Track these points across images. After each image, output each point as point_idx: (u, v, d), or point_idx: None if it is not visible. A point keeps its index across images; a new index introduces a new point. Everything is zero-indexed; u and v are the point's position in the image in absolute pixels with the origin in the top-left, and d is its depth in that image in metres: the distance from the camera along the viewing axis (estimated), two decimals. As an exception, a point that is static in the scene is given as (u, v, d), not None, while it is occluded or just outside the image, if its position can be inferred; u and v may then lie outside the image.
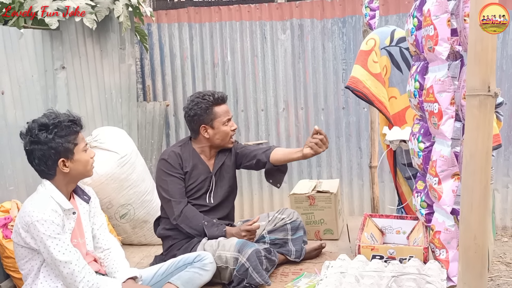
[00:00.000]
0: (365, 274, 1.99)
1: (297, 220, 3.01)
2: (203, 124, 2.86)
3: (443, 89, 1.97)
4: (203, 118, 2.85)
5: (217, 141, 2.90)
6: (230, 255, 2.59)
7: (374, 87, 2.88)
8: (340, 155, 4.56)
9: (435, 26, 1.96)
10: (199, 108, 2.84)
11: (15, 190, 2.93)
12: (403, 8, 4.28)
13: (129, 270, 2.38)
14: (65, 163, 2.17)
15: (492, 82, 1.41)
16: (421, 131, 2.25)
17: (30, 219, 2.04)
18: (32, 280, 2.14)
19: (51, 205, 2.11)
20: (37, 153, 2.13)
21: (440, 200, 2.00)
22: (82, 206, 2.32)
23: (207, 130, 2.87)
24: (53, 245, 2.05)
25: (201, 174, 2.90)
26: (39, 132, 2.12)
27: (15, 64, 2.98)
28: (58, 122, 2.15)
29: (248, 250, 2.56)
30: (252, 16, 4.51)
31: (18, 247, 2.13)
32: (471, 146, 1.45)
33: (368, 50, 2.92)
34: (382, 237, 2.70)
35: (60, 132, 2.14)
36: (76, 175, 2.23)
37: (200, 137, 2.91)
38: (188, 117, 2.90)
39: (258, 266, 2.55)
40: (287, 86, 4.55)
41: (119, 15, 3.57)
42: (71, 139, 2.17)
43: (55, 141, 2.12)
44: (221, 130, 2.87)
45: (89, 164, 2.27)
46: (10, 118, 2.92)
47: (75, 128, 2.20)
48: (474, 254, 1.47)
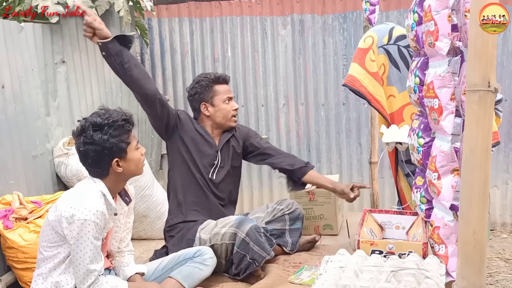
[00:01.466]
0: (364, 269, 1.99)
1: (295, 210, 3.00)
2: (203, 101, 2.89)
3: (443, 84, 1.97)
4: (203, 96, 2.88)
5: (218, 119, 2.91)
6: (227, 230, 2.58)
7: (371, 86, 2.88)
8: (340, 151, 4.57)
9: (435, 21, 1.96)
10: (200, 86, 2.89)
11: (15, 183, 2.93)
12: (404, 3, 4.28)
13: (137, 266, 2.41)
14: (119, 163, 2.14)
15: (492, 78, 1.41)
16: (421, 127, 2.25)
17: (79, 215, 2.00)
18: (53, 266, 2.10)
19: (101, 205, 2.07)
20: (91, 153, 2.09)
21: (440, 195, 2.01)
22: (121, 207, 2.31)
23: (207, 108, 2.89)
24: (87, 248, 2.02)
25: (207, 146, 2.89)
26: (93, 132, 2.08)
27: (15, 58, 2.97)
28: (112, 122, 2.11)
29: (246, 226, 2.55)
30: (253, 11, 4.50)
31: (52, 231, 2.08)
32: (471, 142, 1.45)
33: (365, 48, 2.91)
34: (382, 232, 2.71)
35: (114, 132, 2.10)
36: (128, 174, 2.21)
37: (202, 116, 2.93)
38: (190, 97, 2.94)
39: (259, 240, 2.55)
40: (288, 81, 4.55)
41: (120, 9, 3.56)
42: (124, 139, 2.13)
43: (109, 141, 2.08)
44: (221, 108, 2.89)
45: (141, 162, 2.25)
46: (10, 112, 2.91)
47: (128, 127, 2.17)
48: (473, 249, 1.47)
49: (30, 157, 3.08)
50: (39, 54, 3.19)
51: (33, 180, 3.10)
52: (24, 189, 2.97)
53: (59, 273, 2.10)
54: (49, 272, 2.11)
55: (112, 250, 2.36)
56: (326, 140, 4.57)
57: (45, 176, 3.23)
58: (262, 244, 2.55)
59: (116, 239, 2.35)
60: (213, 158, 2.90)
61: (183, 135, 2.86)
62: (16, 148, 2.95)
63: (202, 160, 2.86)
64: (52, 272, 2.11)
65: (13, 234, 2.63)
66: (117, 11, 3.57)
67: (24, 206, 2.77)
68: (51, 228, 2.09)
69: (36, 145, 3.12)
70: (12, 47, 2.94)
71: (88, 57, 3.65)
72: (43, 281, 2.11)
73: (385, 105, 2.92)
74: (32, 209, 2.77)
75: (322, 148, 4.59)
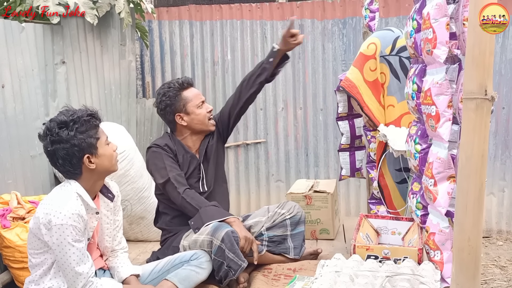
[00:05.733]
0: (359, 274, 2.00)
1: (297, 214, 2.92)
2: (177, 112, 2.79)
3: (440, 92, 1.98)
4: (175, 107, 2.78)
5: (197, 127, 2.84)
6: (204, 238, 2.55)
7: (365, 95, 2.92)
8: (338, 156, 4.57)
9: (434, 29, 1.97)
10: (168, 97, 2.78)
11: (13, 183, 2.94)
12: (404, 10, 4.30)
13: (132, 267, 2.40)
14: (90, 159, 2.11)
15: (489, 86, 1.42)
16: (418, 133, 2.26)
17: (55, 220, 1.99)
18: (43, 272, 2.10)
19: (77, 206, 2.05)
20: (60, 152, 2.06)
21: (435, 201, 2.02)
22: (106, 204, 2.30)
23: (182, 118, 2.80)
24: (70, 252, 2.01)
25: (190, 164, 2.83)
26: (59, 130, 2.06)
27: (15, 58, 2.98)
28: (77, 118, 2.08)
29: (221, 232, 2.50)
30: (253, 15, 4.52)
31: (35, 238, 2.08)
32: (467, 149, 1.47)
33: (367, 55, 2.92)
34: (378, 238, 2.71)
35: (80, 128, 2.08)
36: (102, 171, 2.17)
37: (179, 127, 2.84)
38: (161, 112, 2.83)
39: (234, 246, 2.49)
40: (287, 85, 4.57)
41: (120, 11, 3.58)
42: (92, 134, 2.11)
43: (77, 137, 2.06)
44: (197, 114, 2.80)
45: (114, 158, 2.21)
46: (9, 112, 2.92)
47: (94, 122, 2.14)
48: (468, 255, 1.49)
49: (29, 157, 3.09)
50: (39, 54, 3.21)
51: (31, 180, 3.11)
52: (22, 189, 2.98)
53: (49, 278, 2.10)
54: (40, 278, 2.11)
55: (107, 246, 2.35)
56: (324, 144, 4.58)
57: (43, 176, 3.24)
58: (237, 251, 2.49)
59: (109, 235, 2.33)
60: (197, 173, 2.86)
61: None
62: (14, 147, 2.96)
63: (189, 181, 2.81)
64: (43, 278, 2.11)
65: (10, 233, 2.64)
66: (118, 12, 3.59)
67: (21, 205, 2.77)
68: (34, 235, 2.08)
69: (34, 145, 3.13)
70: (13, 47, 2.96)
71: (88, 58, 3.67)
72: (35, 287, 2.11)
73: (376, 115, 2.94)
74: (29, 209, 2.78)
75: (320, 153, 4.60)
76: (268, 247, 2.86)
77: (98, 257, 2.34)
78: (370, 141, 3.20)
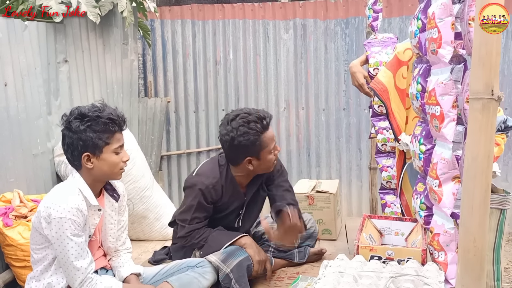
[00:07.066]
0: (363, 274, 2.00)
1: (310, 229, 2.88)
2: (249, 156, 2.50)
3: (445, 92, 1.98)
4: (250, 151, 2.48)
5: (260, 171, 2.60)
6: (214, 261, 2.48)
7: (394, 102, 2.84)
8: (340, 156, 4.57)
9: (439, 29, 1.97)
10: (247, 140, 2.44)
11: (16, 182, 2.93)
12: (406, 10, 4.29)
13: (133, 266, 2.39)
14: (90, 158, 2.10)
15: (495, 86, 1.42)
16: (423, 134, 2.26)
17: (55, 213, 1.99)
18: (44, 268, 2.11)
19: (77, 201, 2.05)
20: (67, 139, 2.10)
21: (440, 202, 2.01)
22: (111, 204, 2.29)
23: (251, 162, 2.52)
24: (68, 246, 2.01)
25: (234, 202, 2.67)
26: (74, 120, 2.08)
27: (18, 56, 2.97)
28: (96, 117, 2.08)
29: (233, 261, 2.45)
30: (256, 15, 4.51)
31: (36, 233, 2.09)
32: (473, 149, 1.46)
33: (402, 61, 2.83)
34: (381, 238, 2.71)
35: (94, 127, 2.07)
36: (100, 175, 2.15)
37: (242, 166, 2.56)
38: (230, 147, 2.50)
39: (242, 278, 2.43)
40: (289, 85, 4.56)
41: (123, 10, 3.57)
42: (103, 137, 2.09)
43: (86, 134, 2.06)
44: (267, 160, 2.53)
45: (117, 167, 2.16)
46: (12, 110, 2.92)
47: (112, 127, 2.11)
48: (473, 256, 1.48)
49: (31, 155, 3.08)
50: (42, 53, 3.20)
51: (33, 178, 3.10)
52: (24, 187, 2.97)
53: (50, 274, 2.11)
54: (41, 274, 2.12)
55: (110, 247, 2.35)
56: (326, 145, 4.58)
57: (45, 174, 3.23)
58: (243, 283, 2.43)
59: (112, 236, 2.33)
60: (239, 210, 2.74)
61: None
62: (17, 146, 2.95)
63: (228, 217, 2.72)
64: (44, 273, 2.12)
65: (12, 231, 2.63)
66: (121, 11, 3.57)
67: (24, 204, 2.77)
68: (35, 230, 2.10)
69: (37, 144, 3.12)
70: (15, 45, 2.95)
71: (91, 57, 3.66)
72: (36, 283, 2.13)
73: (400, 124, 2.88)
74: (32, 207, 2.77)
75: (322, 153, 4.59)
76: (273, 253, 2.85)
77: (101, 256, 2.33)
78: (378, 132, 3.18)
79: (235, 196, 2.65)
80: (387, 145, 3.19)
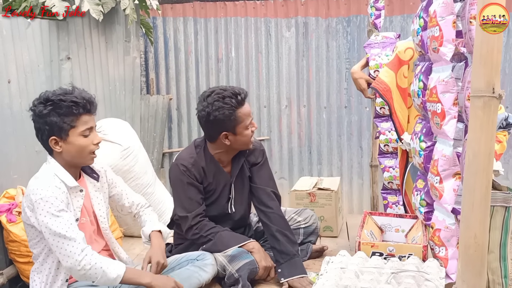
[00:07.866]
0: (365, 270, 2.01)
1: (312, 225, 2.89)
2: (225, 131, 2.51)
3: (446, 89, 1.99)
4: (226, 125, 2.49)
5: (237, 146, 2.60)
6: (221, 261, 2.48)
7: (396, 102, 2.83)
8: (341, 154, 4.59)
9: (440, 27, 1.98)
10: (221, 114, 2.46)
11: (19, 178, 2.95)
12: (408, 9, 4.31)
13: (153, 223, 2.42)
14: (58, 142, 2.09)
15: (496, 84, 1.43)
16: (423, 131, 2.27)
17: (34, 197, 2.01)
18: (43, 260, 2.12)
19: (55, 182, 2.06)
20: (35, 124, 2.11)
21: (441, 198, 2.03)
22: (93, 185, 2.28)
23: (228, 137, 2.53)
24: (55, 223, 1.99)
25: (220, 182, 2.65)
26: (38, 104, 2.08)
27: (21, 53, 2.99)
28: (59, 100, 2.07)
29: (238, 263, 2.45)
30: (258, 13, 4.53)
31: (28, 227, 2.10)
32: (474, 146, 1.47)
33: (403, 60, 2.83)
34: (381, 235, 2.72)
35: (57, 110, 2.06)
36: (69, 159, 2.13)
37: (218, 143, 2.57)
38: (206, 122, 2.52)
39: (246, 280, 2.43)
40: (290, 83, 4.58)
41: (126, 7, 3.58)
42: (67, 120, 2.07)
43: (50, 118, 2.06)
44: (243, 135, 2.53)
45: (86, 150, 2.13)
46: (15, 107, 2.93)
47: (75, 110, 2.09)
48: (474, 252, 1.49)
49: (34, 152, 3.09)
50: (45, 50, 3.22)
51: (37, 175, 3.12)
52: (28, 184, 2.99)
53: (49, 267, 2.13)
54: (41, 265, 2.14)
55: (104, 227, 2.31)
56: (327, 142, 4.59)
57: (48, 171, 3.24)
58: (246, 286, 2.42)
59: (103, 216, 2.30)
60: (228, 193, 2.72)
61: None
62: (20, 142, 2.97)
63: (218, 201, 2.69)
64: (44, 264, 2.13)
65: (16, 227, 2.65)
66: (123, 9, 3.59)
67: (27, 200, 2.78)
68: (26, 225, 2.12)
69: (40, 141, 3.14)
70: (19, 43, 2.97)
71: (93, 54, 3.67)
72: (38, 275, 2.15)
73: (403, 123, 2.88)
74: (35, 204, 2.78)
75: (323, 151, 4.61)
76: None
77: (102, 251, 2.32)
78: (380, 133, 3.20)
79: (219, 175, 2.64)
80: (389, 146, 3.20)
